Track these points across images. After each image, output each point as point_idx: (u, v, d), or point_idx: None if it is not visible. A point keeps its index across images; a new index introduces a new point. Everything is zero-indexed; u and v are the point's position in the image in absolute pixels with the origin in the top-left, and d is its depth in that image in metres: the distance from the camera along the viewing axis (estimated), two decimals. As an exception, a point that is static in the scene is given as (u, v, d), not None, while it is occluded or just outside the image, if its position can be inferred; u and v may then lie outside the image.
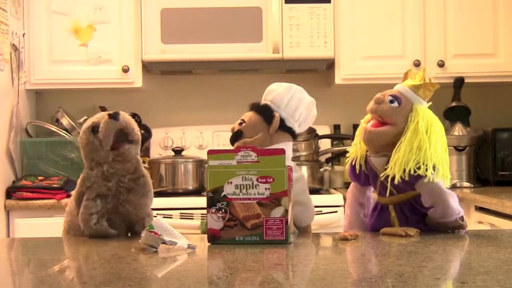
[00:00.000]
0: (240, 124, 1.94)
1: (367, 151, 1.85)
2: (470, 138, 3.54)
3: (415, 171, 1.71)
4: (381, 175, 1.78)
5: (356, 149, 1.88)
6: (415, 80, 1.83)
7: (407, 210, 1.80)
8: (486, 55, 3.50)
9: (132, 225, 1.83)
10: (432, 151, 1.73)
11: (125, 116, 1.79)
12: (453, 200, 1.77)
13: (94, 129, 1.78)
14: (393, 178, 1.74)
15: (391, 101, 1.78)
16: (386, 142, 1.77)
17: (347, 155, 1.93)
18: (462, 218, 1.79)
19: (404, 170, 1.72)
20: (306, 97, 1.97)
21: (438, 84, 1.85)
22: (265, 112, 1.92)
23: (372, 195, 1.94)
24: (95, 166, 1.78)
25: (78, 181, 1.83)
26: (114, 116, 1.76)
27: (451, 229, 1.77)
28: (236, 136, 1.93)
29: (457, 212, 1.77)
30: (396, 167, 1.73)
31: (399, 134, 1.76)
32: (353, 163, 1.88)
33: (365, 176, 1.86)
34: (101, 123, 1.77)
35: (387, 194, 1.79)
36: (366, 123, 1.82)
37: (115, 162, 1.77)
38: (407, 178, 1.72)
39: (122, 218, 1.82)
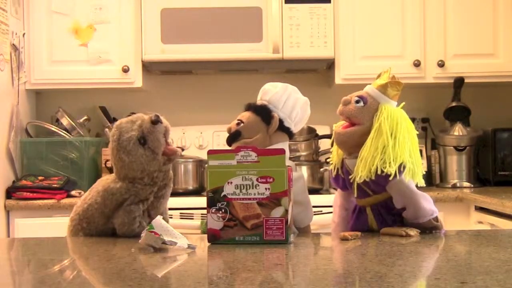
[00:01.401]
0: (238, 124, 1.93)
1: (344, 155, 1.85)
2: (470, 138, 3.54)
3: (382, 171, 1.71)
4: (350, 177, 1.78)
5: (334, 154, 1.89)
6: (382, 79, 1.83)
7: (384, 210, 1.80)
8: (486, 55, 3.50)
9: (156, 216, 1.83)
10: (398, 150, 1.72)
11: (162, 117, 1.79)
12: (425, 201, 1.77)
13: (140, 140, 1.75)
14: (364, 179, 1.74)
15: (357, 101, 1.79)
16: (355, 143, 1.78)
17: (328, 160, 1.95)
18: (436, 219, 1.78)
19: (370, 170, 1.72)
20: (301, 97, 1.98)
21: (402, 83, 1.83)
22: (263, 113, 1.92)
23: None
24: (145, 175, 1.76)
25: (115, 190, 1.78)
26: (157, 121, 1.76)
27: (426, 230, 1.77)
28: (234, 136, 1.93)
29: (430, 213, 1.76)
30: (361, 167, 1.73)
31: (367, 134, 1.76)
32: (332, 168, 1.89)
33: (343, 180, 1.86)
34: (146, 131, 1.75)
35: (358, 195, 1.80)
36: (338, 127, 1.83)
37: (165, 165, 1.78)
38: (373, 178, 1.72)
39: (152, 211, 1.82)
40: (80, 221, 1.84)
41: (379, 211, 1.80)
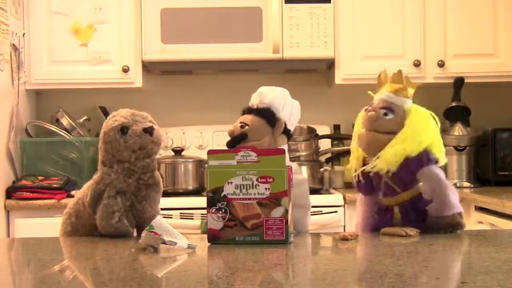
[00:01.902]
0: (242, 127, 1.93)
1: (365, 158, 1.84)
2: (470, 138, 3.54)
3: (413, 157, 1.72)
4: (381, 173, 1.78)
5: (354, 159, 1.87)
6: (395, 83, 1.82)
7: (410, 209, 1.79)
8: (486, 55, 3.50)
9: (142, 223, 1.83)
10: (435, 139, 1.75)
11: (158, 131, 1.80)
12: (452, 194, 1.75)
13: (123, 129, 1.77)
14: (395, 171, 1.74)
15: (385, 114, 1.78)
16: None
17: (347, 167, 1.92)
18: (461, 215, 1.77)
19: (400, 156, 1.72)
20: (294, 101, 2.00)
21: (416, 82, 1.84)
22: (268, 115, 1.93)
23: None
24: (116, 163, 1.79)
25: (94, 180, 1.82)
26: (150, 132, 1.77)
27: (449, 226, 1.75)
28: (240, 139, 1.92)
29: (455, 206, 1.75)
30: (391, 155, 1.73)
31: None
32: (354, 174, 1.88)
33: (366, 184, 1.85)
34: (132, 129, 1.76)
35: (385, 193, 1.80)
36: (364, 130, 1.82)
37: (137, 160, 1.78)
38: (403, 163, 1.72)
39: (136, 216, 1.82)
40: (69, 215, 1.88)
41: (406, 210, 1.79)
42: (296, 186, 1.75)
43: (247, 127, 1.91)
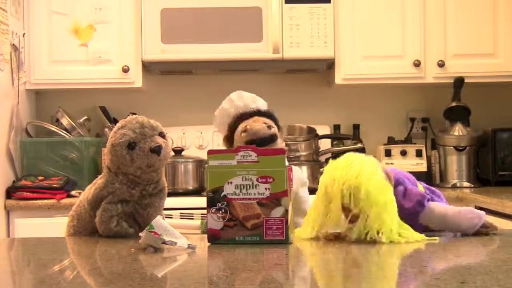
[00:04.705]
0: (269, 127, 1.94)
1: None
2: (470, 138, 3.54)
3: None
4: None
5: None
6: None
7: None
8: (486, 55, 3.50)
9: (145, 226, 1.83)
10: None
11: (166, 148, 1.78)
12: (462, 219, 1.65)
13: (130, 145, 1.75)
14: None
15: None
16: None
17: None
18: (484, 225, 1.67)
19: None
20: None
21: None
22: (274, 118, 1.96)
23: None
24: (121, 174, 1.78)
25: (97, 185, 1.81)
26: (157, 152, 1.75)
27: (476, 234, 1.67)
28: (271, 140, 1.92)
29: (472, 226, 1.65)
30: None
31: None
32: None
33: None
34: (139, 146, 1.75)
35: None
36: None
37: (142, 174, 1.78)
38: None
39: (141, 222, 1.82)
40: (72, 218, 1.88)
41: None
42: (302, 187, 1.77)
43: (273, 128, 1.92)
